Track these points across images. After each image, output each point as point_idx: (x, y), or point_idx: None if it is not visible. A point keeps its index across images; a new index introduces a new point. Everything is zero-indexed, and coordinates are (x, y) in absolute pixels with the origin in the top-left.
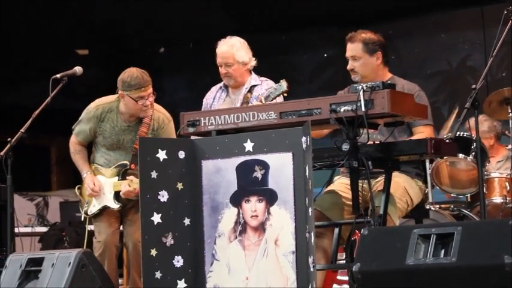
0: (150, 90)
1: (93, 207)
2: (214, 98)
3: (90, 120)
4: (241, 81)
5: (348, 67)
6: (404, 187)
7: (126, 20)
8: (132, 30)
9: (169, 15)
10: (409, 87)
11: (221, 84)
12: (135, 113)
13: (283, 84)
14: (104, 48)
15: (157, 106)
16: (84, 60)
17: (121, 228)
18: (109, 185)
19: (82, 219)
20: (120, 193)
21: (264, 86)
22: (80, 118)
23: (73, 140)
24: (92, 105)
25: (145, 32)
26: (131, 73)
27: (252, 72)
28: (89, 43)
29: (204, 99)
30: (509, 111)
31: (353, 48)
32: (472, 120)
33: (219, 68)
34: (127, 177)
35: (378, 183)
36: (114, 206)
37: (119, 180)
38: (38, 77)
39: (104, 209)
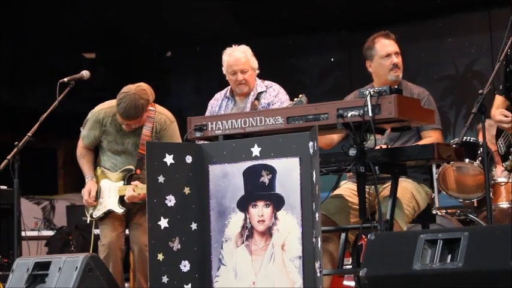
0: (138, 123)
1: (98, 211)
2: (220, 106)
3: (93, 125)
4: (252, 87)
5: (395, 61)
6: (411, 192)
7: (133, 23)
8: (139, 33)
9: (177, 19)
10: (418, 91)
11: (226, 92)
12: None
13: (303, 99)
14: (111, 51)
15: (159, 108)
16: (91, 63)
17: (127, 231)
18: (114, 189)
19: (88, 221)
20: (124, 198)
21: (271, 93)
22: (85, 122)
23: (80, 144)
24: (96, 110)
25: (152, 36)
26: (126, 103)
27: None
28: (96, 46)
29: (209, 106)
30: None
31: (394, 45)
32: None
33: (232, 76)
34: (132, 182)
35: (385, 189)
36: (119, 210)
37: (124, 184)
38: (45, 81)
39: (109, 213)
